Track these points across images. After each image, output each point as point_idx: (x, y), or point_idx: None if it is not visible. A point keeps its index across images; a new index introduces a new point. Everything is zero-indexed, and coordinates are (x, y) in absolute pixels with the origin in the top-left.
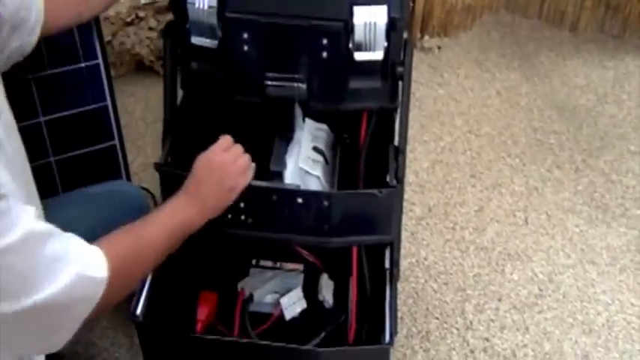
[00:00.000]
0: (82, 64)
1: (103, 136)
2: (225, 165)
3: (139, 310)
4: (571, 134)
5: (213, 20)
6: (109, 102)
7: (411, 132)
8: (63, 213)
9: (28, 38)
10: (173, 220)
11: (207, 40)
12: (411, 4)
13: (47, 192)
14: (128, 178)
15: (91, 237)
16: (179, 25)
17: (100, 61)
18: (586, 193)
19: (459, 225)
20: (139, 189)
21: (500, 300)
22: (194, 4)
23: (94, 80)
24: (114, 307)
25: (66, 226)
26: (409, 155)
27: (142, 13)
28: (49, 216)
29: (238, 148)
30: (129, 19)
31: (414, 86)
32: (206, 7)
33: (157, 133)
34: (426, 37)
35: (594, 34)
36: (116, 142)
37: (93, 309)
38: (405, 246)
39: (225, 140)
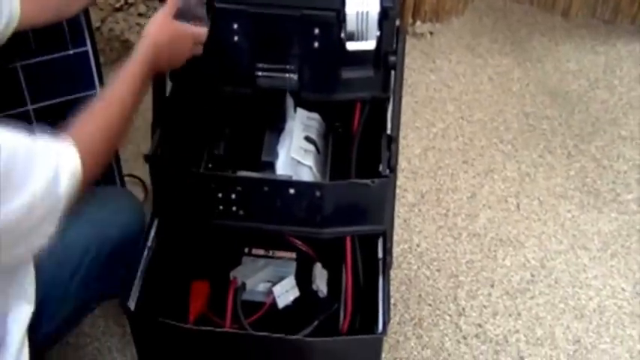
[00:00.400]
0: (71, 51)
1: None
2: (189, 43)
3: (130, 301)
4: (563, 119)
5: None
6: (98, 90)
7: (403, 118)
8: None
9: None
10: (135, 91)
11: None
12: None
13: None
14: (118, 167)
15: (87, 248)
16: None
17: (89, 47)
18: (578, 178)
19: (452, 211)
20: (130, 193)
21: (492, 286)
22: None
23: (83, 67)
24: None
25: (63, 235)
26: (401, 142)
27: None
28: None
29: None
30: (118, 5)
31: (405, 72)
32: None
33: (147, 122)
34: (418, 23)
35: (586, 19)
36: None
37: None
38: (398, 232)
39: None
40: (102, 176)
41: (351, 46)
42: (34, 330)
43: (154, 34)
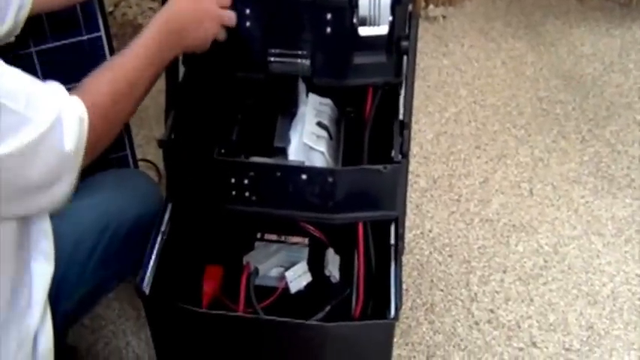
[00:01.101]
0: (85, 37)
1: None
2: (214, 20)
3: (145, 284)
4: (577, 104)
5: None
6: None
7: (415, 103)
8: (79, 200)
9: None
10: (149, 62)
11: None
12: None
13: None
14: (132, 152)
15: (106, 225)
16: None
17: (102, 33)
18: (592, 163)
19: (464, 197)
20: (147, 175)
21: (504, 272)
22: None
23: (97, 53)
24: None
25: (81, 213)
26: (413, 127)
27: None
28: None
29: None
30: None
31: (418, 57)
32: None
33: (160, 106)
34: (431, 7)
35: (601, 2)
36: None
37: (83, 151)
38: (410, 218)
39: None
40: (116, 161)
41: (363, 31)
42: (52, 309)
43: (179, 5)
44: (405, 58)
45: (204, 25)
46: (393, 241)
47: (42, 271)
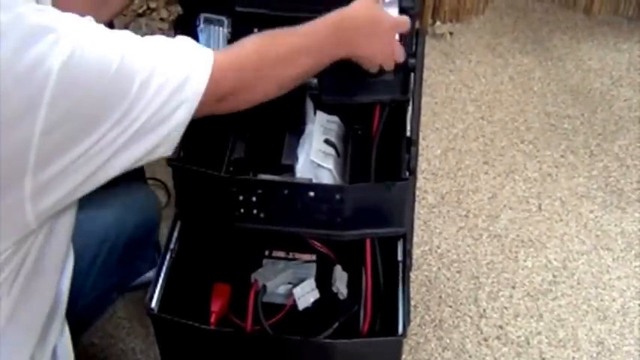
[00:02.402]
0: None
1: None
2: (389, 38)
3: (153, 303)
4: (585, 118)
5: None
6: None
7: (422, 119)
8: (79, 212)
9: None
10: (309, 42)
11: None
12: None
13: None
14: (142, 170)
15: (105, 237)
16: (189, 18)
17: None
18: (600, 178)
19: (472, 212)
20: (151, 190)
21: (513, 287)
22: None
23: None
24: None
25: (81, 226)
26: (421, 143)
27: (153, 4)
28: None
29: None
30: (140, 11)
31: (425, 73)
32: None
33: None
34: (438, 23)
35: (608, 17)
36: None
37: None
38: (418, 234)
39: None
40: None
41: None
42: None
43: (356, 8)
44: (411, 75)
45: (377, 36)
46: (400, 258)
47: (69, 266)
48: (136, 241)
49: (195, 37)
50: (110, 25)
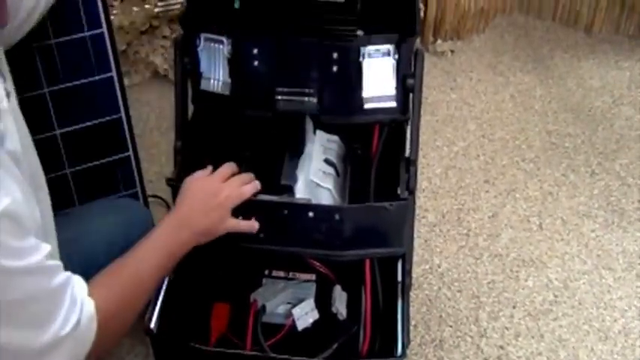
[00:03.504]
0: (96, 77)
1: (118, 148)
2: (215, 192)
3: (152, 323)
4: (586, 137)
5: (227, 91)
6: (122, 114)
7: (423, 137)
8: (69, 230)
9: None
10: (163, 250)
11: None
12: (423, 8)
13: (63, 203)
14: (142, 189)
15: (95, 252)
16: (189, 38)
17: (114, 73)
18: (602, 197)
19: (473, 231)
20: (142, 205)
21: (514, 307)
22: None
23: (108, 92)
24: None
25: (72, 243)
26: (422, 161)
27: (156, 22)
28: (57, 232)
29: (233, 182)
30: (143, 29)
31: (426, 91)
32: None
33: (171, 142)
34: (439, 41)
35: (609, 35)
36: (130, 153)
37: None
38: (419, 253)
39: (224, 169)
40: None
41: (369, 104)
42: None
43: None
44: (410, 95)
45: (214, 210)
46: (400, 278)
47: None
48: None
49: (196, 57)
50: (112, 41)
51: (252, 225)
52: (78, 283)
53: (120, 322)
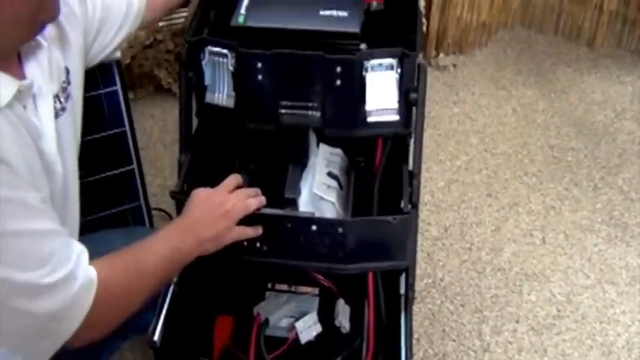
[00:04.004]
0: (101, 91)
1: (122, 161)
2: (221, 202)
3: (156, 336)
4: (589, 151)
5: (231, 104)
6: (127, 128)
7: (426, 151)
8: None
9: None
10: (168, 246)
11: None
12: (425, 22)
13: None
14: (146, 202)
15: None
16: (194, 52)
17: (119, 87)
18: (604, 211)
19: (476, 245)
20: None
21: (517, 321)
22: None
23: (113, 106)
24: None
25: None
26: (424, 175)
27: (160, 36)
28: None
29: (240, 193)
30: (147, 42)
31: (429, 105)
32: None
33: (174, 155)
34: (441, 55)
35: (612, 50)
36: (134, 166)
37: (76, 330)
38: (421, 266)
39: (230, 181)
40: (130, 211)
41: (372, 118)
42: None
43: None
44: (413, 109)
45: (222, 223)
46: (403, 291)
47: None
48: None
49: (200, 71)
50: (118, 66)
51: (256, 230)
52: (83, 251)
53: (116, 304)
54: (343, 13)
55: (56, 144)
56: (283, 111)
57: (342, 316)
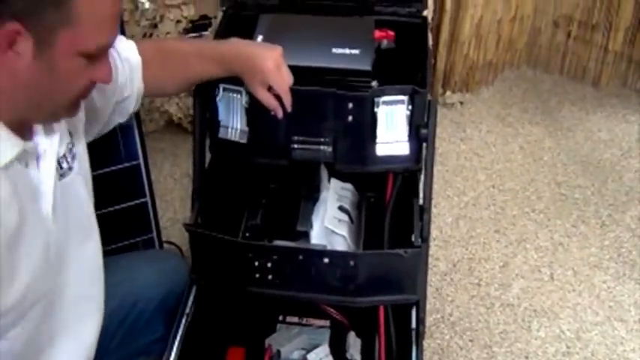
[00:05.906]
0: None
1: (135, 194)
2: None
3: None
4: (596, 189)
5: (244, 139)
6: (141, 161)
7: (434, 187)
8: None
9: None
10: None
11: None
12: (432, 61)
13: None
14: (158, 235)
15: (137, 299)
16: (208, 88)
17: (133, 121)
18: (612, 248)
19: (484, 281)
20: (175, 252)
21: (527, 358)
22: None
23: (128, 140)
24: None
25: (115, 287)
26: (433, 210)
27: None
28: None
29: None
30: None
31: (436, 141)
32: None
33: (184, 189)
34: (448, 93)
35: (617, 89)
36: (147, 199)
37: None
38: (430, 302)
39: None
40: (143, 243)
41: (381, 151)
42: None
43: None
44: (424, 145)
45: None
46: (414, 325)
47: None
48: (164, 307)
49: (215, 106)
50: None
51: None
52: None
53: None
54: (355, 51)
55: (52, 206)
56: (295, 146)
57: (354, 349)
